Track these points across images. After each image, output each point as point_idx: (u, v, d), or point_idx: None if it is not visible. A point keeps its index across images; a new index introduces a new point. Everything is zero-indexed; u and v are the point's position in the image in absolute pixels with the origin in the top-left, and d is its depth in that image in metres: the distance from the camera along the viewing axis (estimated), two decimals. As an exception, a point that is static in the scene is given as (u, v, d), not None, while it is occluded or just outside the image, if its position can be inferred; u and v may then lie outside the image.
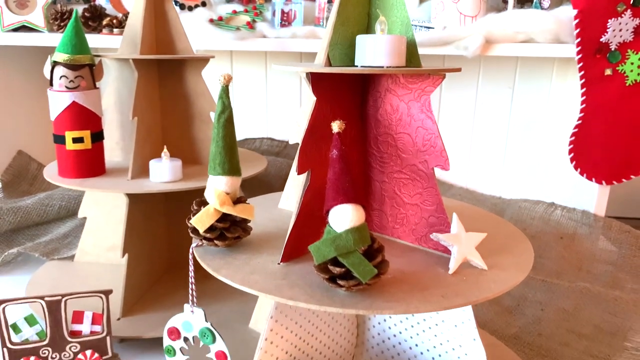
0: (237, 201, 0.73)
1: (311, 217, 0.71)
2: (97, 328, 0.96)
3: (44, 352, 0.94)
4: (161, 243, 1.24)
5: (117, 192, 1.02)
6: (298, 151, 0.68)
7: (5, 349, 0.92)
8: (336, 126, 0.63)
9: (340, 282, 0.60)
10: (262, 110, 1.73)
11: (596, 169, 1.40)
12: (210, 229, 0.71)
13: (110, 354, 0.98)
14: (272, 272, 0.68)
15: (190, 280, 0.77)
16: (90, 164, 1.08)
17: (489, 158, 1.69)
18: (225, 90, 0.69)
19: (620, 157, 1.37)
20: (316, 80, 0.68)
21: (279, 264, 0.70)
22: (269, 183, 1.59)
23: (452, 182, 1.71)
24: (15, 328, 0.92)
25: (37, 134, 1.75)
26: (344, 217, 0.60)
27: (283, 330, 0.71)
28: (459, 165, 1.70)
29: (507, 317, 1.16)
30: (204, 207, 0.72)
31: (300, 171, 0.68)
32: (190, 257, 0.75)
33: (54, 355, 0.95)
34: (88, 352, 0.95)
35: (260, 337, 0.69)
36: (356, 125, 0.77)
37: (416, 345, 0.79)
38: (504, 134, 1.67)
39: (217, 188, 0.71)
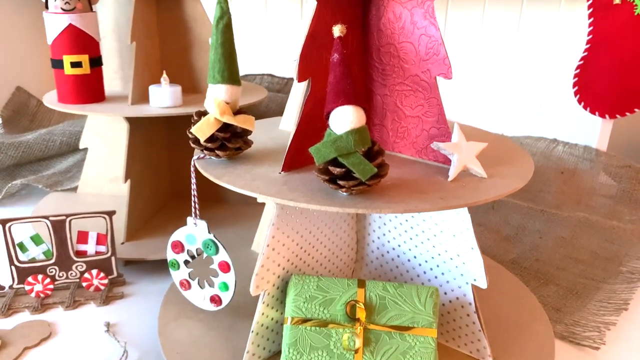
0: (237, 112, 0.73)
1: (312, 128, 0.71)
2: (102, 248, 0.98)
3: (50, 270, 0.96)
4: (163, 172, 1.25)
5: (117, 115, 1.02)
6: (298, 58, 0.67)
7: (13, 267, 0.94)
8: (337, 30, 0.62)
9: (341, 183, 0.61)
10: (262, 45, 1.70)
11: (600, 102, 1.38)
12: (211, 139, 0.71)
13: (115, 274, 1.00)
14: (273, 179, 0.68)
15: (192, 193, 0.78)
16: (90, 89, 1.07)
17: (492, 95, 1.67)
18: (223, -5, 0.68)
19: (624, 90, 1.35)
20: (317, -17, 0.66)
21: (279, 173, 0.71)
22: (270, 120, 1.58)
23: (453, 120, 1.70)
24: (22, 247, 0.94)
25: (35, 71, 1.72)
26: (344, 118, 0.60)
27: (285, 239, 0.72)
28: (461, 102, 1.68)
29: (506, 244, 1.18)
30: (204, 117, 0.72)
31: (300, 79, 0.67)
32: (192, 169, 0.75)
33: (61, 274, 0.97)
34: (94, 272, 0.98)
35: (262, 244, 0.70)
36: (358, 36, 0.76)
37: (414, 257, 0.80)
38: (507, 70, 1.65)
39: (217, 97, 0.71)
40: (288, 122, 0.92)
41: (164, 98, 1.03)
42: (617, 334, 0.90)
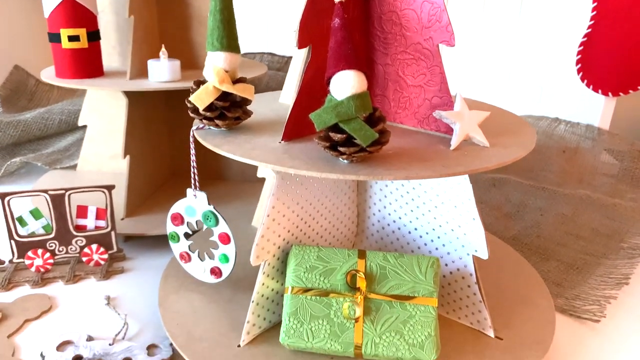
0: (237, 81, 0.72)
1: (312, 98, 0.70)
2: (102, 223, 0.98)
3: (50, 245, 0.96)
4: (163, 149, 1.24)
5: (116, 89, 1.01)
6: (298, 24, 0.66)
7: (12, 241, 0.94)
8: (338, -5, 0.61)
9: (341, 149, 0.60)
10: (262, 23, 1.68)
11: (603, 79, 1.37)
12: (210, 108, 0.70)
13: (115, 249, 1.00)
14: (273, 148, 0.68)
15: (192, 164, 0.78)
16: (88, 63, 1.06)
17: (493, 74, 1.66)
18: (222, -41, 0.66)
19: (628, 67, 1.33)
20: (317, -53, 0.64)
21: (280, 142, 0.70)
22: (270, 99, 1.57)
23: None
24: (21, 221, 0.94)
25: (33, 49, 1.71)
26: (345, 83, 0.59)
27: (285, 209, 0.72)
28: (462, 81, 1.67)
29: (507, 221, 1.18)
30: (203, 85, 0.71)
31: (300, 45, 0.66)
32: (191, 139, 0.74)
33: (60, 249, 0.97)
34: (94, 246, 0.97)
35: (263, 215, 0.69)
36: (359, 4, 0.74)
37: (415, 229, 0.80)
38: (509, 48, 1.63)
39: (216, 65, 0.70)
40: (288, 95, 0.91)
41: (162, 72, 1.02)
42: (618, 307, 0.90)
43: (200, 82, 0.72)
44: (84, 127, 1.28)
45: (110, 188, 0.96)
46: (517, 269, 0.93)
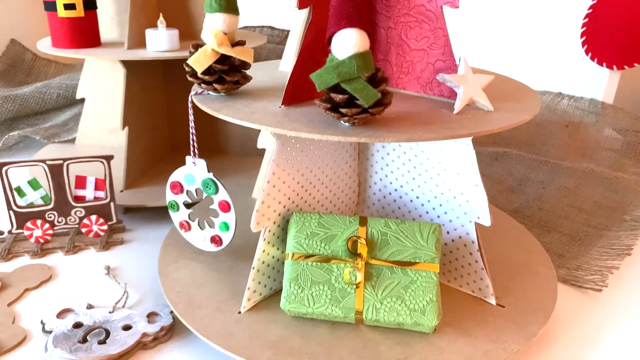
0: (236, 44, 0.70)
1: (312, 61, 0.68)
2: (101, 194, 0.97)
3: (49, 216, 0.95)
4: (162, 121, 1.23)
5: (113, 58, 0.99)
6: (299, -16, 0.64)
7: (11, 212, 0.93)
8: (340, -47, 0.59)
9: (343, 111, 0.59)
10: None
11: (607, 52, 1.35)
12: (209, 72, 0.69)
13: (114, 220, 0.99)
14: (273, 112, 0.66)
15: (190, 131, 0.76)
16: (84, 33, 1.04)
17: (496, 48, 1.64)
18: None
19: (633, 39, 1.31)
20: None
21: (280, 107, 0.69)
22: (270, 73, 1.55)
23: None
24: (20, 191, 0.93)
25: (29, 24, 1.68)
26: (347, 42, 0.58)
27: (285, 176, 0.71)
28: (466, 56, 1.64)
29: (509, 195, 1.17)
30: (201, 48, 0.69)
31: (301, 5, 0.64)
32: (190, 104, 0.73)
33: (60, 220, 0.96)
34: (93, 217, 0.97)
35: (263, 181, 0.68)
36: (361, -35, 0.72)
37: (417, 197, 0.79)
38: (513, 23, 1.60)
39: (215, 27, 0.68)
40: (287, 62, 0.89)
41: (160, 41, 1.00)
42: (620, 277, 0.89)
43: (198, 45, 0.70)
44: (82, 101, 1.27)
45: (108, 158, 0.95)
46: (519, 239, 0.93)
